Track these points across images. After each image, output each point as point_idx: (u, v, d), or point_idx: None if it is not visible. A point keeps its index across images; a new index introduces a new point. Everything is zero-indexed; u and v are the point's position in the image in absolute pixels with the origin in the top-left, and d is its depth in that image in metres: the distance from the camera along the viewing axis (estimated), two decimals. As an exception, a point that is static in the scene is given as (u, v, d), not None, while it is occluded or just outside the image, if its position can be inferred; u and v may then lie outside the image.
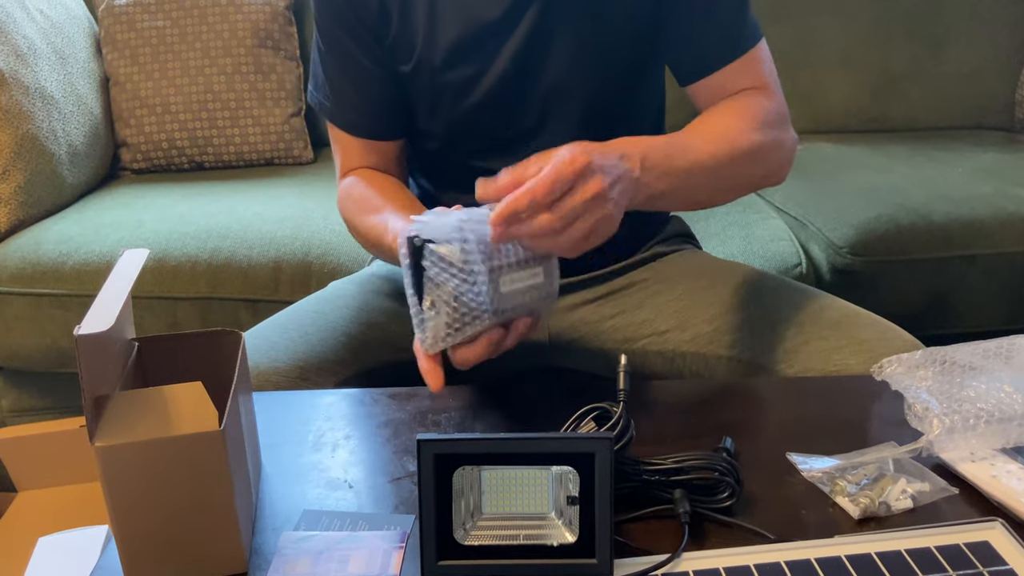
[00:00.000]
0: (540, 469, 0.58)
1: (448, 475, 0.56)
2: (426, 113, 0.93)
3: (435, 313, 0.66)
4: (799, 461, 0.69)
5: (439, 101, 0.91)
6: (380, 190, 0.92)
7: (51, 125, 1.62)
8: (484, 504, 0.58)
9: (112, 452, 0.54)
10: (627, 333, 0.95)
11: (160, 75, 1.81)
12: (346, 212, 0.95)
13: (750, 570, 0.57)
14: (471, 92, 0.89)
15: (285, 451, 0.73)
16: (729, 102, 0.87)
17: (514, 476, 0.58)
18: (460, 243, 0.64)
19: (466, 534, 0.57)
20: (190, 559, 0.58)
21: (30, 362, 1.48)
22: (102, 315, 0.54)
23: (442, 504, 0.56)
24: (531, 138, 0.91)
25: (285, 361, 0.86)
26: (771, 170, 0.87)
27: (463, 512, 0.57)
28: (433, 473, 0.55)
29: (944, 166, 1.64)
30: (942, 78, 1.90)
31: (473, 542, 0.57)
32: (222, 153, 1.85)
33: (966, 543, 0.59)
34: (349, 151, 0.97)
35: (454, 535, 0.56)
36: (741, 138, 0.82)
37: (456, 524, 0.56)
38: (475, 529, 0.57)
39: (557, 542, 0.57)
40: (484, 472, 0.57)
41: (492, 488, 0.58)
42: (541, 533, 0.57)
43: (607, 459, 0.56)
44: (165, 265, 1.43)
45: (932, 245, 1.41)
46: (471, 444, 0.56)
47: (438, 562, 0.56)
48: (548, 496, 0.58)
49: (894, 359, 0.76)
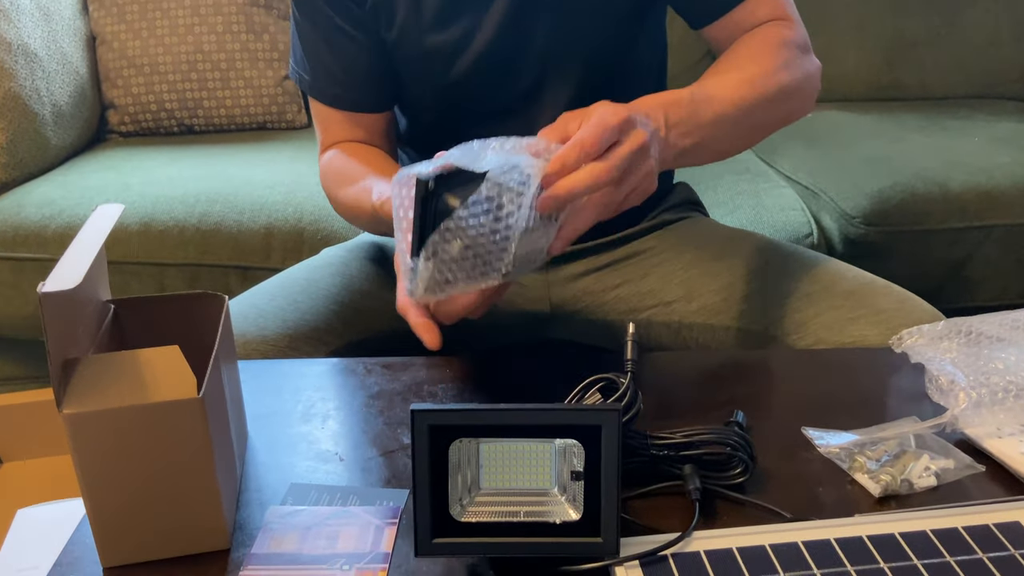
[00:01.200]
0: (542, 442, 0.54)
1: (444, 448, 0.52)
2: (414, 81, 0.89)
3: (435, 262, 0.62)
4: (815, 436, 0.65)
5: (428, 68, 0.86)
6: (364, 161, 0.87)
7: (34, 84, 1.56)
8: (482, 479, 0.54)
9: (81, 420, 0.50)
10: (632, 304, 0.91)
11: (148, 34, 1.76)
12: (328, 185, 0.90)
13: (765, 550, 0.54)
14: (461, 56, 0.84)
15: (273, 422, 0.69)
16: (750, 42, 0.82)
17: (514, 449, 0.54)
18: (505, 189, 0.60)
19: (463, 510, 0.53)
20: (169, 534, 0.54)
21: (12, 329, 1.45)
22: (69, 272, 0.50)
23: (437, 478, 0.52)
24: (529, 102, 0.87)
25: (273, 330, 0.82)
26: (798, 106, 0.83)
27: (460, 487, 0.53)
28: (428, 445, 0.52)
29: (960, 135, 1.61)
30: (958, 45, 1.86)
31: (470, 519, 0.53)
32: (212, 116, 1.80)
33: (995, 523, 0.55)
34: (332, 125, 0.91)
35: (450, 511, 0.52)
36: (767, 81, 0.77)
37: (452, 500, 0.53)
38: (472, 505, 0.54)
39: (560, 519, 0.53)
40: (482, 445, 0.54)
41: (491, 462, 0.54)
42: (543, 510, 0.54)
43: (614, 432, 0.52)
44: (152, 230, 1.38)
45: (948, 215, 1.38)
46: (468, 415, 0.52)
47: (433, 539, 0.52)
48: (551, 471, 0.54)
49: (915, 330, 0.72)
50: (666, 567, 0.52)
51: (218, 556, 0.55)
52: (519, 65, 0.85)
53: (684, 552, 0.54)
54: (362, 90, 0.90)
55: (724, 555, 0.53)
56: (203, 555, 0.55)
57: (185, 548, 0.55)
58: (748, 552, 0.53)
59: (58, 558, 0.56)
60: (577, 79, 0.86)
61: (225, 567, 0.54)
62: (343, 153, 0.89)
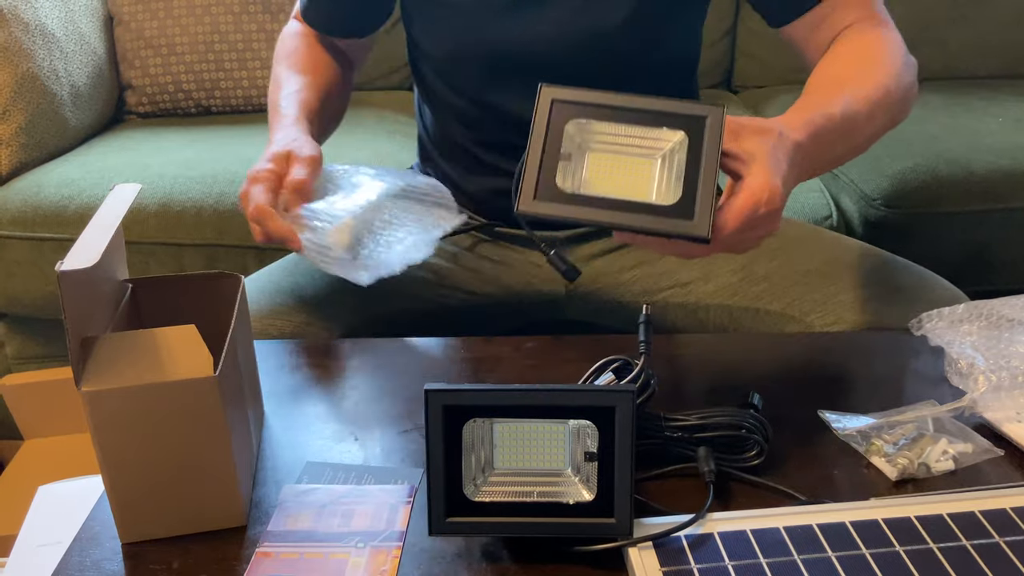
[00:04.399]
0: (556, 423, 0.54)
1: (458, 427, 0.52)
2: (425, 31, 0.89)
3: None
4: (832, 419, 0.65)
5: (440, 15, 0.86)
6: (311, 53, 0.92)
7: (52, 64, 1.57)
8: (496, 459, 0.54)
9: (99, 397, 0.50)
10: (647, 285, 0.90)
11: (165, 14, 1.75)
12: (276, 54, 0.95)
13: (779, 532, 0.53)
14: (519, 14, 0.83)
15: (289, 400, 0.70)
16: (862, 49, 0.78)
17: (528, 430, 0.54)
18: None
19: (476, 490, 0.54)
20: (186, 511, 0.55)
21: (33, 308, 1.46)
22: (87, 251, 0.50)
23: (451, 458, 0.52)
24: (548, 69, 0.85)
25: (291, 305, 0.83)
26: (909, 109, 0.80)
27: (473, 467, 0.54)
28: (442, 425, 0.52)
29: (984, 116, 1.58)
30: (982, 25, 1.81)
31: (484, 498, 0.53)
32: (230, 97, 1.80)
33: (1013, 508, 0.55)
34: (318, 5, 0.95)
35: (464, 490, 0.53)
36: (897, 102, 0.76)
37: (466, 479, 0.53)
38: (486, 485, 0.54)
39: (573, 500, 0.53)
40: (496, 425, 0.54)
41: (505, 442, 0.54)
42: (556, 490, 0.54)
43: (628, 413, 0.52)
44: (170, 210, 1.39)
45: (971, 197, 1.35)
46: (482, 395, 0.52)
47: (447, 518, 0.53)
48: (564, 451, 0.54)
49: (934, 313, 0.72)
50: (680, 549, 0.52)
51: (234, 533, 0.56)
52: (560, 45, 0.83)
53: (698, 534, 0.53)
54: (352, 16, 0.93)
55: (738, 537, 0.53)
56: (219, 532, 0.56)
57: (202, 525, 0.56)
58: (762, 534, 0.53)
59: (77, 534, 0.56)
60: (599, 49, 0.84)
61: (241, 544, 0.55)
62: (304, 38, 0.94)
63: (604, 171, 0.60)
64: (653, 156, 0.60)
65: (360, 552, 0.54)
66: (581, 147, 0.61)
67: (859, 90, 0.73)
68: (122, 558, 0.54)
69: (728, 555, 0.52)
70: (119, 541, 0.55)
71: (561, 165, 0.59)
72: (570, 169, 0.60)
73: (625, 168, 0.60)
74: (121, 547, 0.55)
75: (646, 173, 0.59)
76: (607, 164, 0.60)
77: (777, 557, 0.51)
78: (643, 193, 0.59)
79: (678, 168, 0.59)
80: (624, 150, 0.60)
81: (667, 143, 0.60)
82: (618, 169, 0.60)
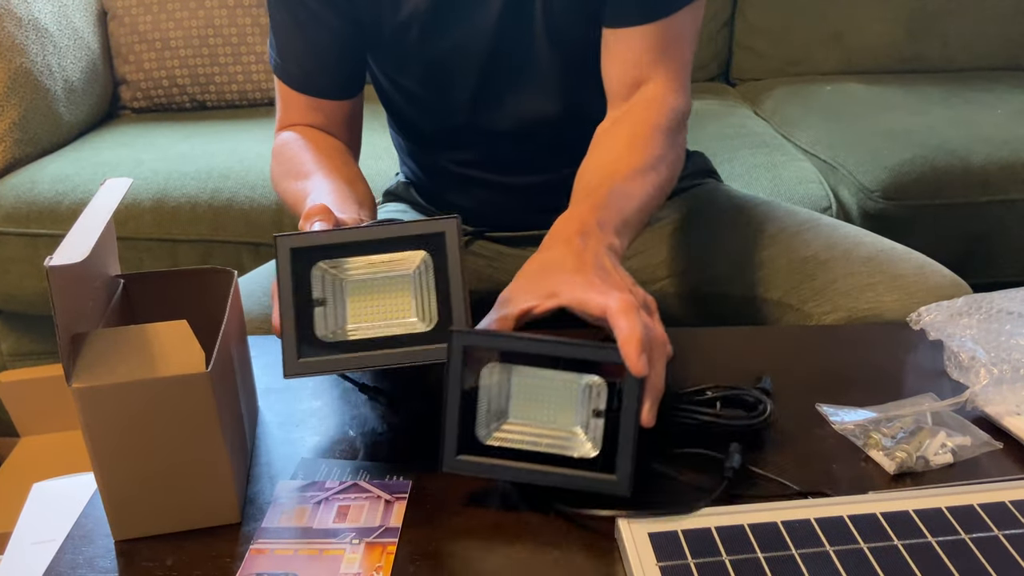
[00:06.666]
0: (569, 377, 0.55)
1: (477, 371, 0.55)
2: (394, 65, 0.85)
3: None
4: (830, 413, 0.64)
5: (407, 51, 0.83)
6: (315, 156, 0.81)
7: (45, 59, 1.56)
8: (510, 409, 0.56)
9: (90, 394, 0.50)
10: (643, 276, 0.90)
11: (159, 8, 1.74)
12: (274, 171, 0.86)
13: (777, 526, 0.53)
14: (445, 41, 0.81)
15: (283, 397, 0.69)
16: (652, 133, 0.75)
17: (542, 384, 0.56)
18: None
19: (488, 434, 0.56)
20: (180, 508, 0.55)
21: (28, 305, 1.45)
22: (77, 246, 0.50)
23: (467, 399, 0.55)
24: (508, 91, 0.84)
25: None
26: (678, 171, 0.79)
27: (488, 412, 0.56)
28: (460, 367, 0.54)
29: (982, 107, 1.57)
30: (981, 16, 1.81)
31: (494, 443, 0.56)
32: (224, 92, 1.79)
33: (1012, 501, 0.54)
34: (290, 105, 0.87)
35: (476, 433, 0.55)
36: (667, 169, 0.75)
37: (480, 423, 0.55)
38: (498, 431, 0.56)
39: (579, 454, 0.55)
40: (514, 376, 0.56)
41: (520, 393, 0.56)
42: (564, 444, 0.56)
43: (635, 377, 0.53)
44: (164, 206, 1.38)
45: (969, 189, 1.35)
46: (502, 340, 0.55)
47: (457, 455, 0.55)
48: (575, 407, 0.56)
49: (933, 306, 0.71)
50: (677, 543, 0.52)
51: (229, 530, 0.55)
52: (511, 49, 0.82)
53: (696, 529, 0.53)
54: (327, 75, 0.85)
55: (735, 531, 0.53)
56: (214, 529, 0.55)
57: (196, 522, 0.55)
58: (759, 528, 0.53)
59: (70, 531, 0.56)
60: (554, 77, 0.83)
61: (235, 541, 0.54)
62: (298, 139, 0.84)
63: (363, 309, 0.58)
64: (404, 280, 0.58)
65: (355, 548, 0.54)
66: (335, 288, 0.58)
67: (636, 174, 0.72)
68: (115, 555, 0.54)
69: (725, 549, 0.51)
70: (112, 538, 0.55)
71: (317, 312, 0.57)
72: (328, 314, 0.57)
73: (383, 300, 0.58)
74: (114, 544, 0.54)
75: (404, 300, 0.58)
76: (365, 301, 0.58)
77: (775, 551, 0.51)
78: (407, 322, 0.58)
79: (429, 288, 0.58)
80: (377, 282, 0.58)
81: (412, 263, 0.58)
82: (377, 303, 0.58)
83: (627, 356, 0.53)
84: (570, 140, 0.85)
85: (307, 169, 0.80)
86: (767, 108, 1.74)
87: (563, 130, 0.85)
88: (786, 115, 1.67)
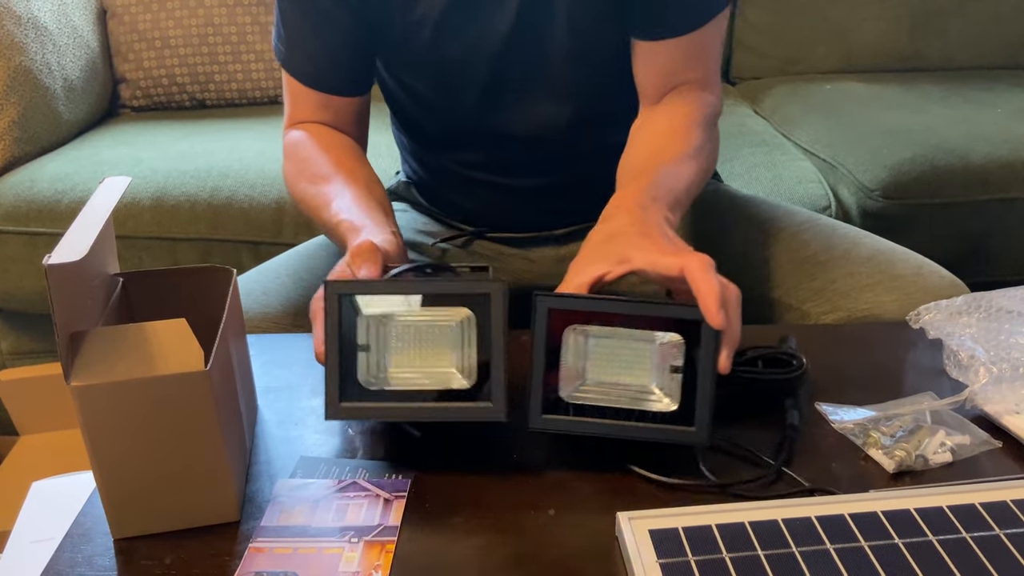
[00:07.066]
0: (645, 340, 0.58)
1: (558, 334, 0.58)
2: (402, 65, 0.85)
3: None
4: (829, 412, 0.64)
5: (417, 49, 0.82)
6: (331, 158, 0.81)
7: (45, 58, 1.55)
8: (588, 369, 0.59)
9: (89, 392, 0.50)
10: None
11: (159, 7, 1.74)
12: (288, 170, 0.85)
13: (777, 524, 0.53)
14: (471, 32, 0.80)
15: (283, 395, 0.69)
16: (692, 125, 0.78)
17: (619, 344, 0.58)
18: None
19: (570, 394, 0.58)
20: (179, 506, 0.54)
21: (27, 303, 1.45)
22: (75, 245, 0.50)
23: (550, 360, 0.58)
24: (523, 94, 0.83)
25: (277, 308, 0.82)
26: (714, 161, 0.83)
27: (568, 373, 0.58)
28: (547, 329, 0.57)
29: (982, 106, 1.57)
30: (981, 15, 1.80)
31: (575, 401, 0.58)
32: (224, 90, 1.79)
33: (1013, 500, 0.54)
34: (301, 102, 0.86)
35: (560, 393, 0.58)
36: (706, 159, 0.79)
37: (562, 384, 0.58)
38: (577, 391, 0.59)
39: (658, 409, 0.58)
40: (591, 338, 0.58)
41: (597, 353, 0.59)
42: (642, 399, 0.58)
43: (712, 329, 0.56)
44: (164, 205, 1.38)
45: (969, 188, 1.35)
46: (582, 302, 0.58)
47: (543, 414, 0.58)
48: (651, 364, 0.58)
49: (932, 306, 0.71)
50: (677, 540, 0.52)
51: (228, 528, 0.55)
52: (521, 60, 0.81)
53: (697, 526, 0.53)
54: (338, 72, 0.84)
55: (736, 529, 0.53)
56: (213, 527, 0.55)
57: (195, 520, 0.55)
58: (760, 526, 0.53)
59: (69, 529, 0.56)
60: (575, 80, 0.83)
61: (235, 539, 0.54)
62: (310, 139, 0.84)
63: (405, 358, 0.59)
64: (447, 334, 0.59)
65: (354, 547, 0.54)
66: (378, 337, 0.59)
67: (681, 158, 0.76)
68: (114, 554, 0.54)
69: (726, 547, 0.51)
70: (111, 537, 0.55)
71: (361, 357, 0.58)
72: (371, 360, 0.58)
73: (425, 351, 0.59)
74: (113, 543, 0.54)
75: (446, 354, 0.59)
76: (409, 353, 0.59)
77: (775, 549, 0.51)
78: (448, 375, 0.59)
79: (471, 345, 0.58)
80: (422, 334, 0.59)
81: (455, 319, 0.59)
82: (419, 353, 0.59)
83: (707, 310, 0.56)
84: (577, 144, 0.86)
85: (324, 172, 0.80)
86: (767, 107, 1.74)
87: (571, 134, 0.85)
88: (786, 114, 1.67)
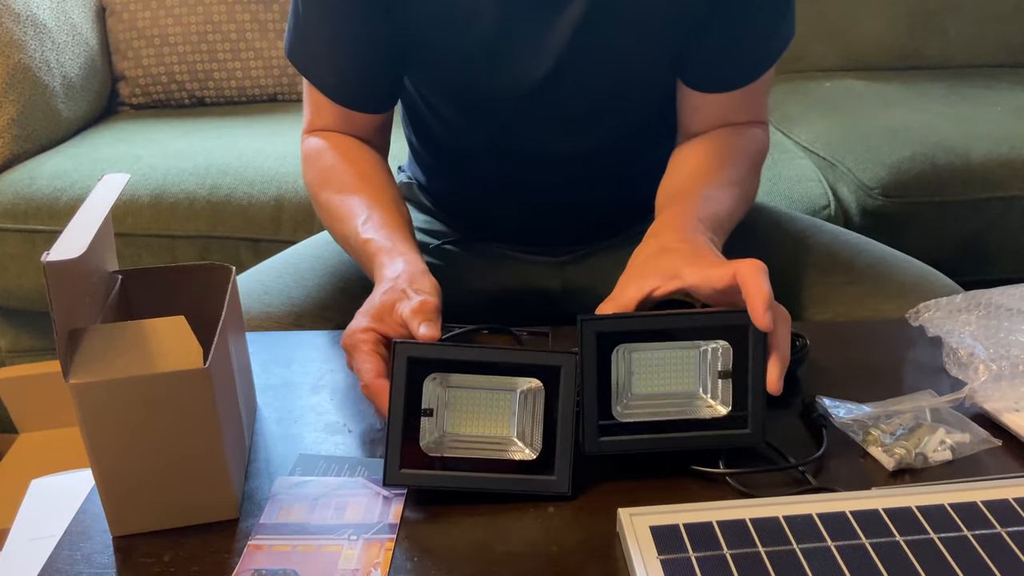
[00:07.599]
0: (688, 348, 0.58)
1: (607, 354, 0.57)
2: (431, 87, 0.82)
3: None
4: (829, 408, 0.64)
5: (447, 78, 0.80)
6: (353, 164, 0.79)
7: (44, 55, 1.55)
8: (634, 384, 0.59)
9: (88, 390, 0.50)
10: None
11: (158, 4, 1.74)
12: (310, 177, 0.83)
13: (779, 521, 0.53)
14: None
15: (282, 393, 0.69)
16: (738, 154, 0.79)
17: (663, 356, 0.59)
18: None
19: (623, 412, 0.58)
20: (177, 504, 0.54)
21: (27, 301, 1.45)
22: (74, 242, 0.50)
23: (603, 383, 0.57)
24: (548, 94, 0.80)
25: (278, 307, 0.81)
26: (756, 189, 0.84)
27: (617, 391, 0.58)
28: (596, 352, 0.57)
29: (982, 104, 1.57)
30: (981, 13, 1.80)
31: (628, 419, 0.58)
32: (223, 88, 1.79)
33: (1016, 498, 0.54)
34: (323, 110, 0.83)
35: (613, 412, 0.58)
36: (746, 192, 0.80)
37: (614, 402, 0.58)
38: (628, 408, 0.58)
39: (708, 415, 0.58)
40: (635, 353, 0.58)
41: (642, 368, 0.59)
42: (693, 406, 0.58)
43: (760, 331, 0.56)
44: (163, 202, 1.38)
45: (969, 186, 1.34)
46: (626, 322, 0.58)
47: (600, 437, 0.57)
48: (695, 373, 0.59)
49: (932, 303, 0.71)
50: (678, 537, 0.52)
51: (227, 526, 0.55)
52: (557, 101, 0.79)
53: (697, 523, 0.53)
54: (367, 90, 0.81)
55: (737, 525, 0.52)
56: (212, 525, 0.55)
57: (194, 518, 0.55)
58: (761, 523, 0.53)
59: (68, 527, 0.56)
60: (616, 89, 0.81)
61: (233, 537, 0.54)
62: (332, 150, 0.81)
63: (468, 424, 0.58)
64: (514, 404, 0.58)
65: (353, 544, 0.53)
66: (441, 402, 0.58)
67: (733, 192, 0.76)
68: (113, 551, 0.53)
69: (727, 543, 0.51)
70: (110, 534, 0.55)
71: (424, 422, 0.57)
72: (433, 426, 0.57)
73: (489, 420, 0.58)
74: (112, 540, 0.54)
75: (510, 424, 0.58)
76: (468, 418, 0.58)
77: (776, 546, 0.51)
78: (511, 445, 0.58)
79: (536, 417, 0.57)
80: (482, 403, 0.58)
81: (523, 388, 0.58)
82: (483, 421, 0.58)
83: (754, 311, 0.56)
84: (595, 170, 0.85)
85: (349, 184, 0.78)
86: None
87: (591, 162, 0.85)
88: (785, 112, 1.66)
